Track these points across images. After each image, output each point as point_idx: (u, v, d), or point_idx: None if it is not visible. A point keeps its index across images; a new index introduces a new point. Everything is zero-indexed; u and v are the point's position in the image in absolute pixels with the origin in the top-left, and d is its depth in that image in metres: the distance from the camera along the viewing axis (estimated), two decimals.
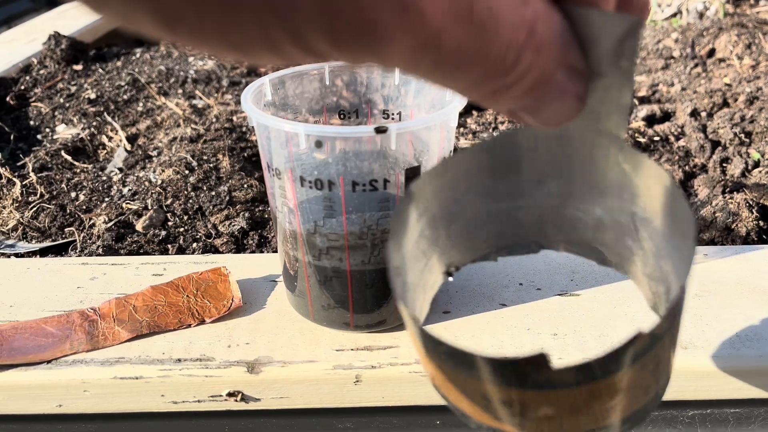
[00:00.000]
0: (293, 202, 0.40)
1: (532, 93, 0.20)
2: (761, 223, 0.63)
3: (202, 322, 0.45)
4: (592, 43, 0.20)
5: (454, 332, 0.44)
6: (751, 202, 0.65)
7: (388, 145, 0.37)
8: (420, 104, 0.46)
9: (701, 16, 1.41)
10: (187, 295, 0.47)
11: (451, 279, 0.29)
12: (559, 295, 0.48)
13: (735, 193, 0.69)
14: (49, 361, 0.42)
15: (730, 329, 0.45)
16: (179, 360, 0.42)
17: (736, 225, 0.62)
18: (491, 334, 0.44)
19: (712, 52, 1.15)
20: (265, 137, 0.40)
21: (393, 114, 0.46)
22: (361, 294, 0.42)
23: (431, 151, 0.41)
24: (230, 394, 0.42)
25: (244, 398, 0.42)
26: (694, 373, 0.43)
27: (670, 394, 0.43)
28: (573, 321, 0.46)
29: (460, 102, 0.40)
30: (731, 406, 0.46)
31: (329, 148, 0.38)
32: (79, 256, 0.60)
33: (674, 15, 1.45)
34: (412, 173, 0.38)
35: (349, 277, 0.42)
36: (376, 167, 0.38)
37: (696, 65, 1.10)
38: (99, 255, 0.59)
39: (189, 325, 0.45)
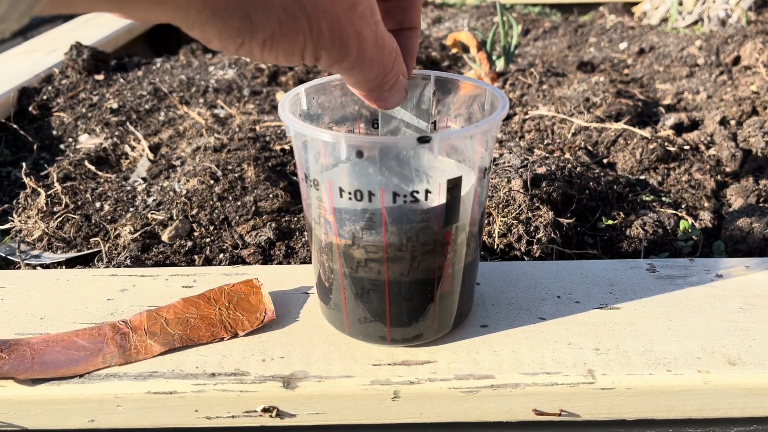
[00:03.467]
0: (331, 213, 0.39)
1: (393, 87, 0.37)
2: None
3: (235, 335, 0.44)
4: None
5: (493, 347, 0.43)
6: None
7: (431, 155, 0.36)
8: (450, 113, 0.45)
9: (723, 23, 1.40)
10: (219, 308, 0.46)
11: None
12: (598, 308, 0.47)
13: None
14: (81, 375, 0.41)
15: None
16: (213, 374, 0.41)
17: None
18: (531, 349, 0.43)
19: (737, 60, 1.13)
20: (303, 147, 0.39)
21: (428, 125, 0.45)
22: (399, 307, 0.41)
23: (471, 161, 0.40)
24: (265, 410, 0.41)
25: (279, 414, 0.41)
26: (742, 390, 0.41)
27: (718, 411, 0.42)
28: (615, 335, 0.44)
29: (501, 111, 0.39)
30: None
31: (370, 158, 0.37)
32: (107, 267, 0.59)
33: (696, 22, 1.44)
34: (454, 184, 0.37)
35: (387, 290, 0.41)
36: (418, 178, 0.37)
37: (721, 73, 1.08)
38: (127, 266, 0.58)
39: (222, 339, 0.44)
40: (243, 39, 0.29)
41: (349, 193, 0.37)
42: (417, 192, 0.37)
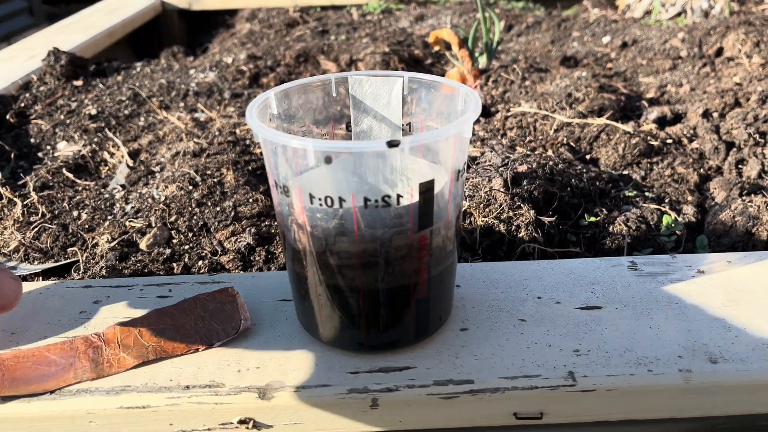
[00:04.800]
0: (302, 219, 0.38)
1: None
2: None
3: (210, 345, 0.44)
4: None
5: (473, 351, 0.43)
6: None
7: (401, 159, 0.36)
8: (428, 113, 0.44)
9: (706, 14, 1.40)
10: (194, 319, 0.45)
11: None
12: (579, 308, 0.47)
13: (753, 195, 0.68)
14: (53, 391, 0.40)
15: (760, 341, 0.43)
16: (188, 387, 0.40)
17: (757, 229, 0.60)
18: (511, 352, 0.42)
19: (720, 51, 1.13)
20: (272, 153, 0.38)
21: (403, 125, 0.45)
22: (375, 314, 0.41)
23: (444, 163, 0.39)
24: (241, 422, 0.40)
25: (256, 425, 0.40)
26: (724, 388, 0.41)
27: (700, 410, 0.42)
28: (596, 336, 0.44)
29: (473, 112, 0.38)
30: (764, 419, 0.44)
31: (339, 163, 0.36)
32: (82, 278, 0.58)
33: (679, 14, 1.44)
34: (427, 187, 0.37)
35: (362, 297, 0.40)
36: (389, 182, 0.37)
37: (704, 65, 1.08)
38: (103, 276, 0.57)
39: (197, 350, 0.43)
40: None
41: (320, 199, 0.37)
42: (389, 196, 0.36)
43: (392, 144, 0.34)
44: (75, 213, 0.70)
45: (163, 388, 0.40)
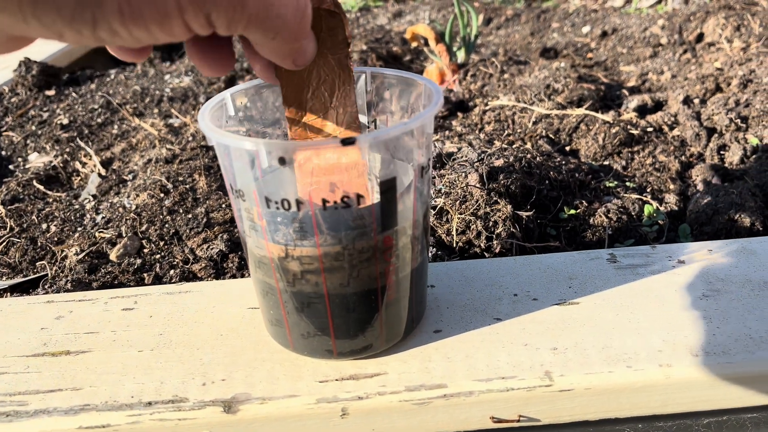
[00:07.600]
0: (261, 225, 0.37)
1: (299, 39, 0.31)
2: (766, 211, 0.60)
3: None
4: None
5: (446, 353, 0.41)
6: (753, 190, 0.61)
7: (359, 157, 0.34)
8: (392, 109, 0.43)
9: (686, 0, 1.39)
10: None
11: None
12: (557, 304, 0.45)
13: (735, 181, 0.66)
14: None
15: (742, 331, 0.42)
16: (150, 403, 0.39)
17: (740, 215, 0.59)
18: (486, 353, 0.41)
19: (700, 37, 1.12)
20: (226, 157, 0.36)
21: (368, 122, 0.43)
22: (343, 319, 0.39)
23: (407, 160, 0.38)
24: None
25: None
26: (705, 383, 0.39)
27: (683, 406, 0.40)
28: (573, 332, 0.42)
29: (434, 106, 0.37)
30: (748, 412, 0.42)
31: (294, 163, 0.35)
32: (47, 292, 0.56)
33: (659, 1, 1.43)
34: (388, 186, 0.35)
35: (327, 302, 0.38)
36: (348, 181, 0.35)
37: (685, 51, 1.07)
38: (68, 291, 0.55)
39: None
40: (92, 10, 0.22)
41: (276, 203, 0.35)
42: (348, 197, 0.35)
43: (347, 141, 0.32)
44: (44, 225, 0.69)
45: (124, 406, 0.39)
